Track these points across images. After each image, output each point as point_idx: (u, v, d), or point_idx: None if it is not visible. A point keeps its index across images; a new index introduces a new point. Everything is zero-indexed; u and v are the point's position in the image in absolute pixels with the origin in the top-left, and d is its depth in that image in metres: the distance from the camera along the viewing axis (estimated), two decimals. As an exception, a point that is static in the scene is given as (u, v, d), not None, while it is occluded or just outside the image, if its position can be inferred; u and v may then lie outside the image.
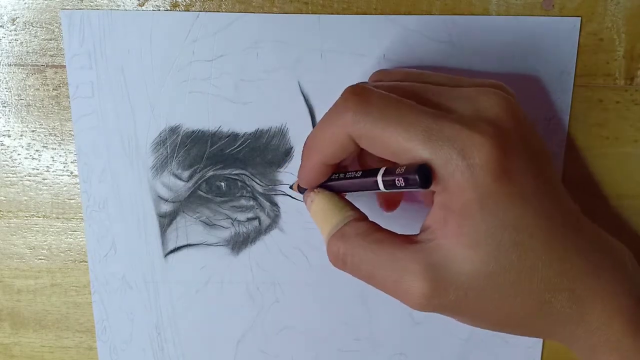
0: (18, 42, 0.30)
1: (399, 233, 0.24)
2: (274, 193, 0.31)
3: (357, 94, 0.23)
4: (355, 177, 0.25)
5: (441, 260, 0.22)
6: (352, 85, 0.24)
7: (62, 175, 0.32)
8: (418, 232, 0.24)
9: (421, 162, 0.22)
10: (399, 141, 0.22)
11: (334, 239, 0.25)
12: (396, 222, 0.29)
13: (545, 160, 0.24)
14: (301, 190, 0.28)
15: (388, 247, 0.23)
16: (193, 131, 0.30)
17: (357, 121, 0.23)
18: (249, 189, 0.31)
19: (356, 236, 0.24)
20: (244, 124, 0.30)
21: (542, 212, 0.22)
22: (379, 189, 0.24)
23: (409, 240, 0.23)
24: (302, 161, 0.27)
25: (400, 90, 0.24)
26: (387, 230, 0.25)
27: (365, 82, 0.27)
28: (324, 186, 0.27)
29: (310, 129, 0.30)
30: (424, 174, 0.22)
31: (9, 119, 0.31)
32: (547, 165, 0.24)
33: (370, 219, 0.25)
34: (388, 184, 0.23)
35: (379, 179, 0.23)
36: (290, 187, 0.31)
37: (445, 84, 0.25)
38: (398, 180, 0.22)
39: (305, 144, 0.26)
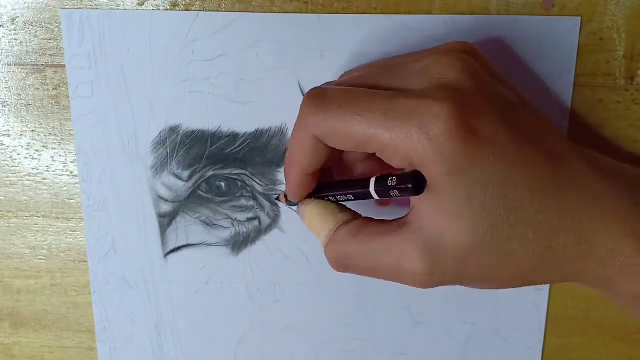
0: (18, 41, 0.30)
1: (391, 219, 0.24)
2: (274, 193, 0.31)
3: (313, 96, 0.24)
4: (347, 191, 0.26)
5: (432, 236, 0.22)
6: (310, 90, 0.24)
7: (62, 175, 0.32)
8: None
9: (394, 148, 0.22)
10: (361, 130, 0.22)
11: (330, 246, 0.25)
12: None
13: (520, 110, 0.23)
14: (289, 202, 0.29)
15: (380, 238, 0.24)
16: (193, 131, 0.30)
17: (316, 122, 0.23)
18: (249, 189, 0.31)
19: (349, 237, 0.25)
20: (244, 123, 0.30)
21: (522, 160, 0.22)
22: (372, 198, 0.24)
23: (399, 224, 0.24)
24: (285, 176, 0.27)
25: (356, 82, 0.24)
26: (378, 221, 0.25)
27: (327, 83, 0.28)
28: (316, 196, 0.27)
29: (310, 128, 0.30)
30: (417, 182, 0.22)
31: (8, 118, 0.31)
32: (523, 114, 0.23)
33: (364, 213, 0.26)
34: (382, 194, 0.24)
35: (372, 191, 0.24)
36: (277, 199, 0.31)
37: (403, 62, 0.25)
38: (392, 191, 0.23)
39: (284, 160, 0.27)
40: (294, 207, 0.31)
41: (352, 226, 0.25)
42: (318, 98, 0.23)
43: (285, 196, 0.28)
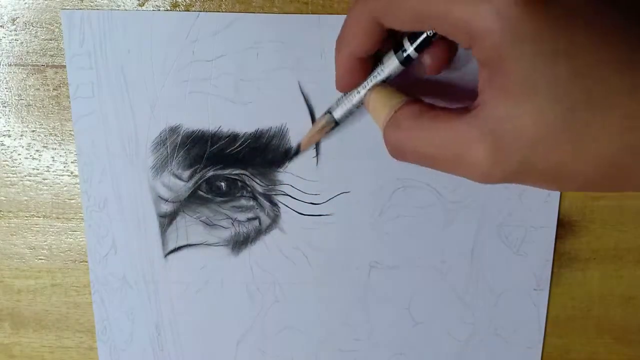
0: (18, 42, 0.30)
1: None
2: (274, 193, 0.31)
3: None
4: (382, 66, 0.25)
5: (499, 121, 0.20)
6: None
7: (62, 175, 0.32)
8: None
9: (453, 20, 0.20)
10: (426, 2, 0.20)
11: (389, 129, 0.23)
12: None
13: None
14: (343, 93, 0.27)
15: (444, 122, 0.21)
16: (193, 131, 0.30)
17: None
18: (249, 189, 0.31)
19: (410, 119, 0.23)
20: (244, 124, 0.30)
21: (605, 32, 0.18)
22: (399, 63, 0.24)
23: (465, 110, 0.21)
24: (335, 59, 0.25)
25: None
26: (442, 107, 0.23)
27: None
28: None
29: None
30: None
31: (9, 119, 0.31)
32: None
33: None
34: (416, 45, 0.24)
35: (406, 44, 0.24)
36: (296, 151, 0.30)
37: None
38: (405, 43, 0.23)
39: (336, 42, 0.25)
40: (293, 208, 0.31)
41: (414, 107, 0.23)
42: None
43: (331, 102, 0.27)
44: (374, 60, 0.26)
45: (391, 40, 0.25)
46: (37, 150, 0.31)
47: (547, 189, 0.22)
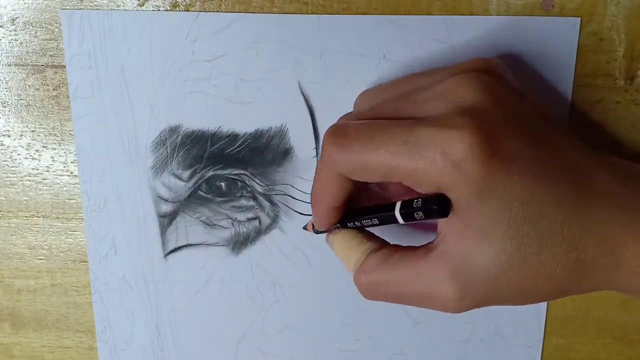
0: (18, 42, 0.30)
1: (418, 245, 0.25)
2: (274, 193, 0.31)
3: (334, 133, 0.24)
4: (373, 215, 0.26)
5: (460, 260, 0.22)
6: (331, 126, 0.25)
7: (62, 175, 0.32)
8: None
9: (420, 176, 0.22)
10: (384, 163, 0.22)
11: (358, 275, 0.26)
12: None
13: (541, 125, 0.23)
14: (316, 231, 0.29)
15: (409, 265, 0.24)
16: (193, 131, 0.30)
17: (340, 159, 0.23)
18: (249, 189, 0.31)
19: (377, 266, 0.25)
20: (244, 124, 0.30)
21: (545, 175, 0.22)
22: (398, 222, 0.24)
23: (427, 250, 0.23)
24: (312, 209, 0.27)
25: (376, 113, 0.25)
26: (405, 247, 0.25)
27: (347, 114, 0.28)
28: (343, 224, 0.27)
29: (311, 129, 0.30)
30: (442, 204, 0.22)
31: (9, 119, 0.31)
32: (545, 129, 0.23)
33: (390, 240, 0.26)
34: (407, 217, 0.24)
35: (397, 214, 0.24)
36: (304, 228, 0.31)
37: (423, 85, 0.25)
38: (417, 214, 0.23)
39: (310, 195, 0.27)
40: (293, 208, 0.31)
41: (379, 255, 0.25)
42: (339, 135, 0.24)
43: (313, 225, 0.29)
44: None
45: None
46: (36, 150, 0.31)
47: (507, 305, 0.25)
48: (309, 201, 0.31)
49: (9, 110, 0.31)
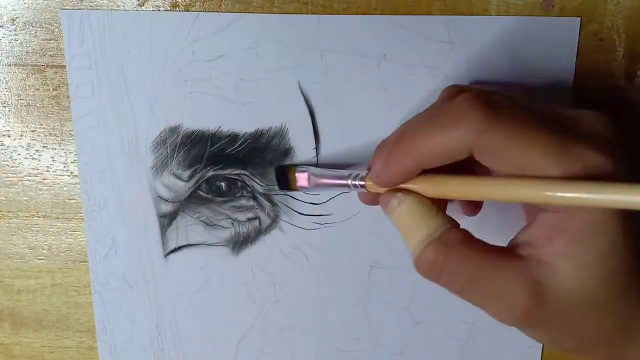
0: (18, 42, 0.30)
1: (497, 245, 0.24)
2: (274, 193, 0.31)
3: (483, 101, 0.21)
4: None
5: (547, 277, 0.21)
6: (467, 89, 0.23)
7: (62, 175, 0.32)
8: (508, 244, 0.23)
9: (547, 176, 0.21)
10: (531, 156, 0.21)
11: (434, 247, 0.23)
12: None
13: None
14: (363, 194, 0.27)
15: (493, 259, 0.22)
16: (193, 131, 0.30)
17: (484, 131, 0.21)
18: (249, 189, 0.31)
19: (459, 244, 0.23)
20: (244, 124, 0.30)
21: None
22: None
23: (510, 253, 0.23)
24: (388, 159, 0.24)
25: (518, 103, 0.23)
26: (484, 243, 0.23)
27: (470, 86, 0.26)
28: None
29: (311, 129, 0.30)
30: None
31: (9, 119, 0.31)
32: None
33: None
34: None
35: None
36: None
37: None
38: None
39: (397, 139, 0.24)
40: (293, 208, 0.31)
41: (461, 234, 0.23)
42: (492, 106, 0.22)
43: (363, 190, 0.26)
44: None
45: None
46: (36, 150, 0.31)
47: (540, 341, 0.24)
48: (309, 201, 0.31)
49: (9, 110, 0.31)
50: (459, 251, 0.23)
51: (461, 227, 0.24)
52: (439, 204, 0.24)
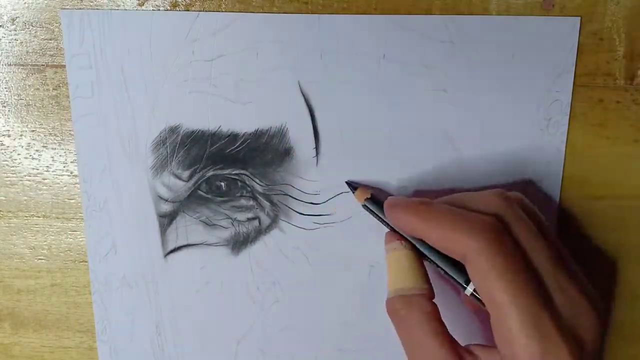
0: (18, 42, 0.30)
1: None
2: (274, 193, 0.31)
3: (499, 244, 0.24)
4: (446, 266, 0.27)
5: None
6: (502, 212, 0.25)
7: (62, 175, 0.32)
8: (470, 343, 0.26)
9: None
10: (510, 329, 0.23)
11: (401, 300, 0.27)
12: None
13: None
14: (372, 210, 0.29)
15: (441, 345, 0.25)
16: (193, 131, 0.30)
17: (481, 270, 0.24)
18: (249, 189, 0.31)
19: (420, 312, 0.26)
20: (244, 124, 0.30)
21: None
22: (463, 289, 0.26)
23: (455, 352, 0.25)
24: (408, 207, 0.27)
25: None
26: (445, 325, 0.26)
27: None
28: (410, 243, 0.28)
29: (311, 128, 0.30)
30: None
31: (8, 119, 0.31)
32: None
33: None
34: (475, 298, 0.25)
35: (470, 289, 0.25)
36: (365, 200, 0.30)
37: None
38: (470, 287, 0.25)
39: (428, 205, 0.26)
40: (293, 208, 0.31)
41: (428, 305, 0.26)
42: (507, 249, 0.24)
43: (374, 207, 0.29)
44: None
45: None
46: (36, 150, 0.31)
47: None
48: (309, 201, 0.31)
49: (9, 110, 0.31)
50: (415, 318, 0.26)
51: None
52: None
